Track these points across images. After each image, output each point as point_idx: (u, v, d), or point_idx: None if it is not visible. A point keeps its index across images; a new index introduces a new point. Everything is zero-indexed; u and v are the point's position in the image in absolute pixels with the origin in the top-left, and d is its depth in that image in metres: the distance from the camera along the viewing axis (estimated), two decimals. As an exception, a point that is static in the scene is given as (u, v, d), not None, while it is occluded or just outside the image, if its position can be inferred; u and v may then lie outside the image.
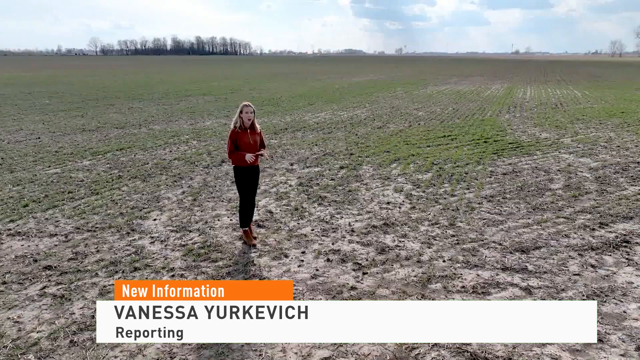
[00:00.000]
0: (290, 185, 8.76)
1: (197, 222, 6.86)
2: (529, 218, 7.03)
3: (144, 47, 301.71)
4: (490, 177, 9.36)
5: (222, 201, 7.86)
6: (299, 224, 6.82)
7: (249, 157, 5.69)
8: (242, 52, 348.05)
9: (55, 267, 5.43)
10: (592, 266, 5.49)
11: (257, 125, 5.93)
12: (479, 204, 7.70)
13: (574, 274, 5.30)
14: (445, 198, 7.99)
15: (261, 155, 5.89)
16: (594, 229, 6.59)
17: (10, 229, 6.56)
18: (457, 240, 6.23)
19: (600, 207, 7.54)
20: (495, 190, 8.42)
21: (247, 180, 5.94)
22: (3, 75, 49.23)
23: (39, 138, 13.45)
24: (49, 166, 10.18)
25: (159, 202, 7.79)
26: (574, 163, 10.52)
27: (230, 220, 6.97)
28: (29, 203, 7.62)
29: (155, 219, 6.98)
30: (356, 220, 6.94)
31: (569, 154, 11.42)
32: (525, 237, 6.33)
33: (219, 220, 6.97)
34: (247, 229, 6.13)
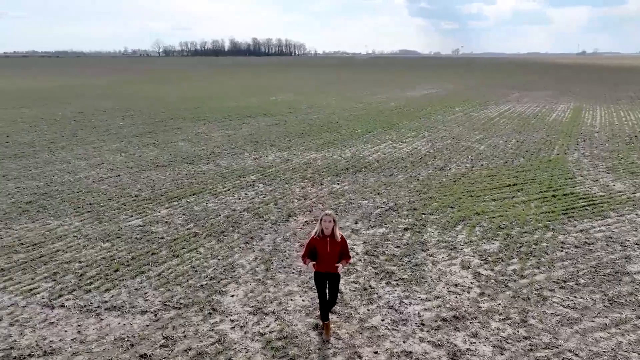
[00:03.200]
0: (357, 253, 8.99)
1: (271, 302, 7.25)
2: (605, 316, 6.85)
3: (203, 48, 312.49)
4: (562, 250, 9.13)
5: (293, 272, 8.22)
6: (368, 310, 7.03)
7: (310, 265, 6.07)
8: (296, 52, 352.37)
9: (149, 355, 5.97)
10: (678, 395, 5.31)
11: (339, 234, 6.16)
12: (551, 290, 7.57)
13: (658, 406, 5.15)
14: (514, 280, 7.91)
15: (337, 267, 6.11)
16: (678, 339, 6.32)
17: (106, 301, 7.23)
18: (530, 344, 6.20)
19: (684, 303, 7.19)
20: (568, 272, 8.22)
21: (323, 285, 6.23)
22: (78, 83, 52.89)
23: (119, 176, 14.50)
24: (132, 215, 11.01)
25: (234, 270, 8.27)
26: (653, 233, 10.01)
27: (303, 300, 7.30)
28: (119, 267, 8.34)
29: (232, 295, 7.43)
30: (425, 309, 7.06)
31: (647, 218, 10.87)
32: (603, 345, 6.19)
33: (292, 300, 7.32)
34: (326, 322, 6.41)
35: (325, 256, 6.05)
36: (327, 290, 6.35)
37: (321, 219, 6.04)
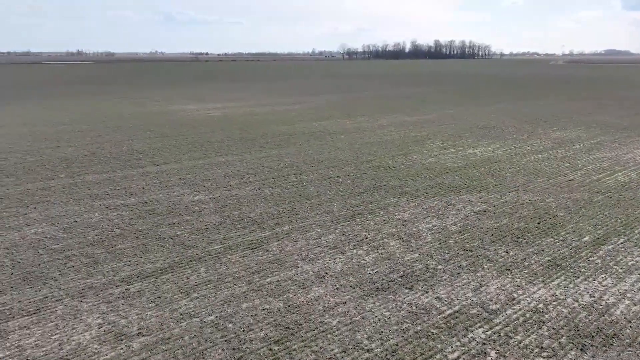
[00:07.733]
0: None
1: None
2: None
3: (384, 51, 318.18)
4: None
5: None
6: None
7: None
8: (480, 54, 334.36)
9: None
10: None
11: None
12: None
13: None
14: None
15: None
16: None
17: None
18: None
19: None
20: None
21: None
22: (281, 109, 58.06)
23: (345, 303, 15.11)
24: (370, 392, 11.22)
25: None
26: None
27: None
28: None
29: None
30: None
31: None
32: None
33: None
34: None
35: None
36: None
37: None
